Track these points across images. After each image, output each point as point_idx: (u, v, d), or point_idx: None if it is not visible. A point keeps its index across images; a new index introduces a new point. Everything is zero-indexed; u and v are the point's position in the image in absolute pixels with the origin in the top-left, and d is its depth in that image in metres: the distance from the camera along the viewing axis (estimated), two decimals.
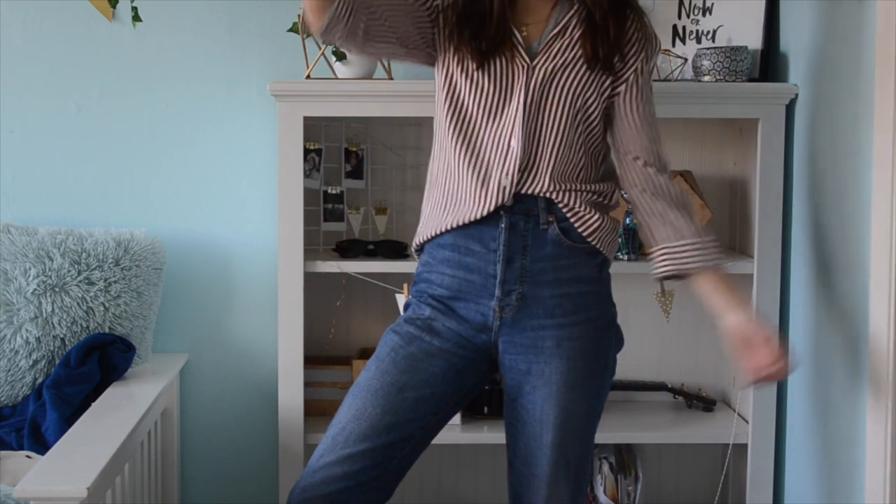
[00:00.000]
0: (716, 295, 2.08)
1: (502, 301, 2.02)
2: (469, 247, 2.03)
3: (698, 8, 2.87)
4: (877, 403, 2.19)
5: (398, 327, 2.08)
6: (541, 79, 1.99)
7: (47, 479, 2.00)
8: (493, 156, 2.01)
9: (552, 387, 2.03)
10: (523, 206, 2.02)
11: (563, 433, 2.04)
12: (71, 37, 2.87)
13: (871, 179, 2.24)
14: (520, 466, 2.09)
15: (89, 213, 2.90)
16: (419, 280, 2.11)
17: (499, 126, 2.01)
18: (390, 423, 2.00)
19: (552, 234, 2.02)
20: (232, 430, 2.98)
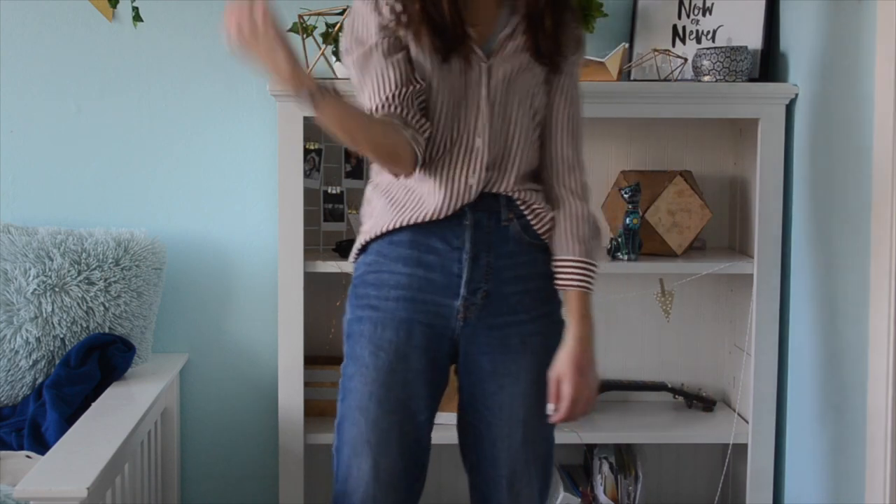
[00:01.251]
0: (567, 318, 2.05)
1: (468, 300, 1.99)
2: (430, 244, 1.99)
3: (698, 8, 2.87)
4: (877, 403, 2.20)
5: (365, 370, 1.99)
6: (500, 78, 1.98)
7: (47, 479, 2.00)
8: (459, 155, 1.99)
9: (521, 385, 2.01)
10: (486, 204, 2.00)
11: (533, 430, 2.02)
12: (71, 37, 2.87)
13: (871, 179, 2.24)
14: (486, 469, 2.05)
15: (89, 213, 2.90)
16: (365, 283, 2.03)
17: (463, 125, 1.99)
18: (405, 465, 2.01)
19: (513, 231, 2.01)
20: (232, 430, 2.98)
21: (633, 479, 2.84)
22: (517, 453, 2.02)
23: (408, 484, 2.03)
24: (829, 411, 2.47)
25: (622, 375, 2.99)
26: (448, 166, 1.99)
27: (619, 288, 2.93)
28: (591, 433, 2.78)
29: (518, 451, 2.02)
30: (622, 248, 2.73)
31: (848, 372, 2.37)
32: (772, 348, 2.71)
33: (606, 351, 2.98)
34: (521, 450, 2.02)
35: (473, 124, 1.98)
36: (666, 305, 2.81)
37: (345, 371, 2.04)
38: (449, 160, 1.99)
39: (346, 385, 2.03)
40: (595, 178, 2.92)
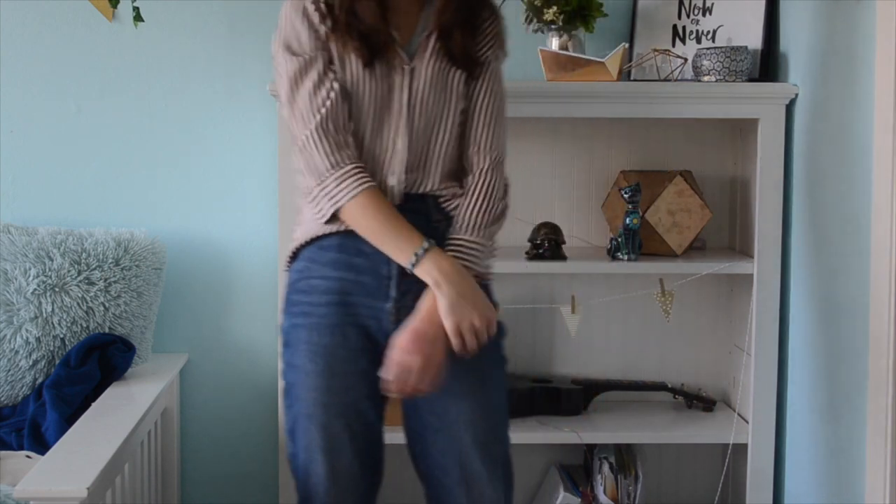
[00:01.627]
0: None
1: (399, 302, 1.99)
2: (358, 247, 1.98)
3: (698, 8, 2.87)
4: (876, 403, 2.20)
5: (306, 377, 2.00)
6: (422, 80, 1.99)
7: (47, 479, 2.00)
8: (380, 157, 2.00)
9: (464, 384, 1.99)
10: (412, 205, 2.00)
11: (483, 430, 2.00)
12: (71, 37, 2.87)
13: (871, 179, 2.24)
14: (440, 477, 2.04)
15: (89, 213, 2.90)
16: (297, 290, 2.04)
17: (385, 127, 2.00)
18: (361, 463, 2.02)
19: (442, 231, 2.01)
20: (232, 430, 2.98)
21: (633, 479, 2.84)
22: (469, 455, 2.00)
23: (367, 482, 2.05)
24: (829, 411, 2.47)
25: (622, 375, 2.99)
26: (371, 169, 1.99)
27: (619, 288, 2.93)
28: (591, 433, 2.78)
29: (470, 454, 2.00)
30: (622, 248, 2.73)
31: (848, 372, 2.37)
32: (772, 348, 2.71)
33: (607, 351, 2.99)
34: (474, 451, 2.00)
35: (395, 127, 1.99)
36: (666, 305, 2.81)
37: (286, 379, 2.05)
38: (373, 163, 2.00)
39: (291, 393, 2.04)
40: (595, 178, 2.94)
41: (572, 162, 2.93)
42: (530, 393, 2.81)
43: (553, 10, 2.72)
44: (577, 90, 2.67)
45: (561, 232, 2.76)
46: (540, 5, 2.75)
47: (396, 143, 1.99)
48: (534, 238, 2.76)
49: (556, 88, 2.67)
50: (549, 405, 2.82)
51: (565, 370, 2.98)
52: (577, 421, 2.81)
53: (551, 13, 2.72)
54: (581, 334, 2.92)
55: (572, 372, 2.98)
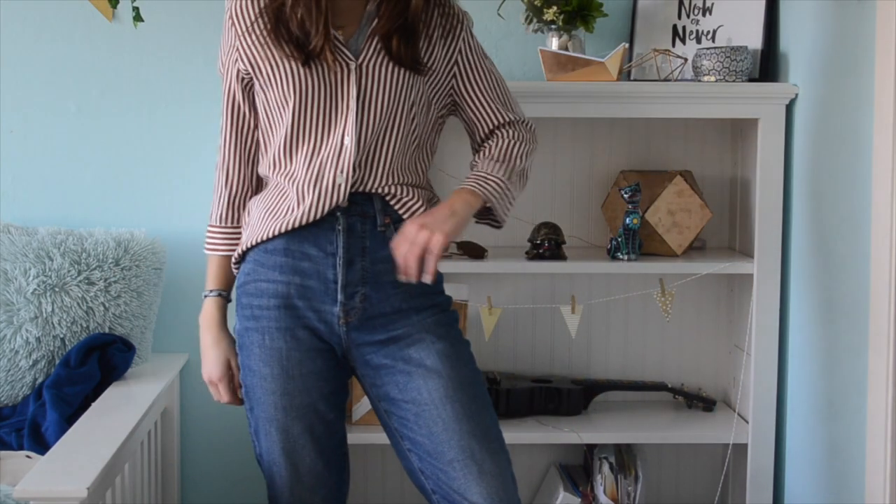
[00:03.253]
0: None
1: (346, 305, 1.98)
2: (304, 251, 1.98)
3: (698, 8, 2.87)
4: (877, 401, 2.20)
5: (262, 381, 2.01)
6: (371, 77, 1.98)
7: (47, 479, 2.00)
8: (327, 155, 1.98)
9: (427, 362, 1.97)
10: (359, 208, 1.99)
11: (462, 402, 1.96)
12: (71, 37, 2.87)
13: (871, 179, 2.24)
14: (434, 464, 1.97)
15: (89, 213, 2.90)
16: (245, 293, 2.04)
17: (331, 125, 1.98)
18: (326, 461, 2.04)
19: (390, 235, 1.99)
20: (232, 430, 2.98)
21: (633, 479, 2.84)
22: (460, 432, 1.95)
23: (334, 479, 2.05)
24: (829, 411, 2.47)
25: (622, 375, 2.99)
26: (317, 168, 1.98)
27: (619, 288, 2.93)
28: (591, 433, 2.78)
29: (459, 429, 1.95)
30: (622, 248, 2.73)
31: (848, 372, 2.37)
32: (772, 348, 2.71)
33: (607, 351, 2.99)
34: (462, 426, 1.95)
35: (343, 123, 1.98)
36: (666, 305, 2.81)
37: (244, 381, 2.06)
38: (318, 161, 1.98)
39: (250, 396, 2.05)
40: (595, 178, 2.94)
41: (572, 162, 2.93)
42: (530, 393, 2.81)
43: (553, 10, 2.72)
44: (577, 90, 2.67)
45: (561, 232, 2.76)
46: (540, 5, 2.75)
47: (343, 140, 1.97)
48: (534, 238, 2.76)
49: (556, 88, 2.67)
50: (549, 405, 2.83)
51: (565, 370, 2.99)
52: (577, 421, 2.81)
53: (551, 13, 2.73)
54: (581, 334, 2.92)
55: (572, 372, 2.99)
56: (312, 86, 1.97)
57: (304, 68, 1.96)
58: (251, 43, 2.01)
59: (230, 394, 2.11)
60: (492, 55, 2.89)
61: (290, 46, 1.96)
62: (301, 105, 1.98)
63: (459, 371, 1.99)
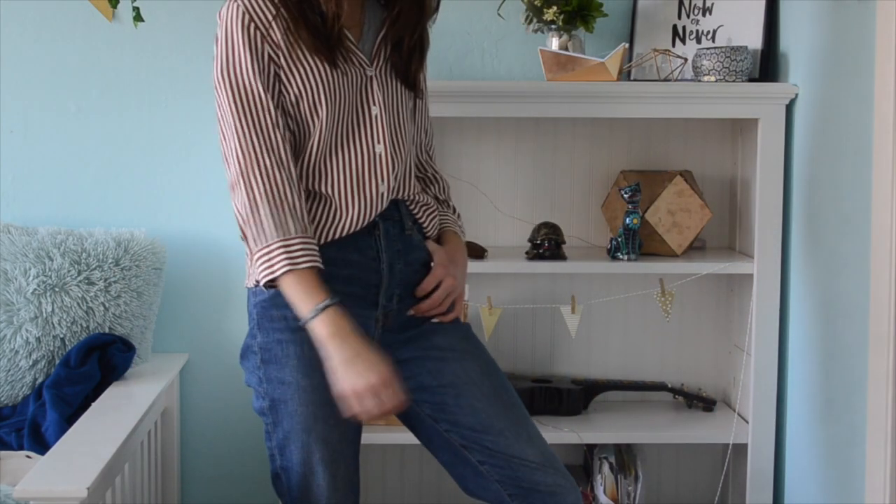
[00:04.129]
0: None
1: (386, 308, 2.00)
2: (346, 258, 1.96)
3: (698, 8, 2.87)
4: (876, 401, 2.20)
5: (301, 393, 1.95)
6: (388, 84, 2.00)
7: (47, 479, 2.00)
8: (364, 164, 1.97)
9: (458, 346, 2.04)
10: (390, 213, 2.02)
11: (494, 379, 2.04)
12: (71, 37, 2.87)
13: (871, 179, 2.24)
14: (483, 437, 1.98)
15: (89, 213, 2.90)
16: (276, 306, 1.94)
17: (360, 133, 1.97)
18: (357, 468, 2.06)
19: (416, 238, 2.05)
20: (232, 430, 2.98)
21: (633, 479, 2.84)
22: (503, 404, 2.02)
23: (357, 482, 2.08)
24: (829, 411, 2.47)
25: (622, 375, 2.99)
26: (357, 177, 1.97)
27: (619, 288, 2.93)
28: (591, 433, 2.78)
29: (502, 403, 2.02)
30: (622, 248, 2.73)
31: (848, 372, 2.37)
32: (772, 348, 2.71)
33: (607, 351, 2.99)
34: (502, 399, 2.03)
35: (370, 131, 1.98)
36: (666, 305, 2.81)
37: (273, 395, 1.97)
38: (355, 170, 1.97)
39: (280, 409, 1.97)
40: (595, 178, 2.94)
41: (572, 162, 2.93)
42: (530, 393, 2.81)
43: (553, 10, 2.72)
44: (577, 90, 2.67)
45: (561, 232, 2.76)
46: (540, 5, 2.75)
47: (376, 149, 1.97)
48: (534, 238, 2.76)
49: (556, 88, 2.67)
50: (549, 405, 2.82)
51: (565, 370, 2.98)
52: (577, 421, 2.81)
53: (551, 13, 2.72)
54: (581, 334, 2.92)
55: (572, 372, 2.98)
56: (341, 89, 1.94)
57: (333, 71, 1.93)
58: (277, 43, 1.90)
59: (402, 392, 1.89)
60: (492, 55, 2.91)
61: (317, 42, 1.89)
62: (333, 109, 1.93)
63: (483, 353, 2.09)
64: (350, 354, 1.85)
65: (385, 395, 1.86)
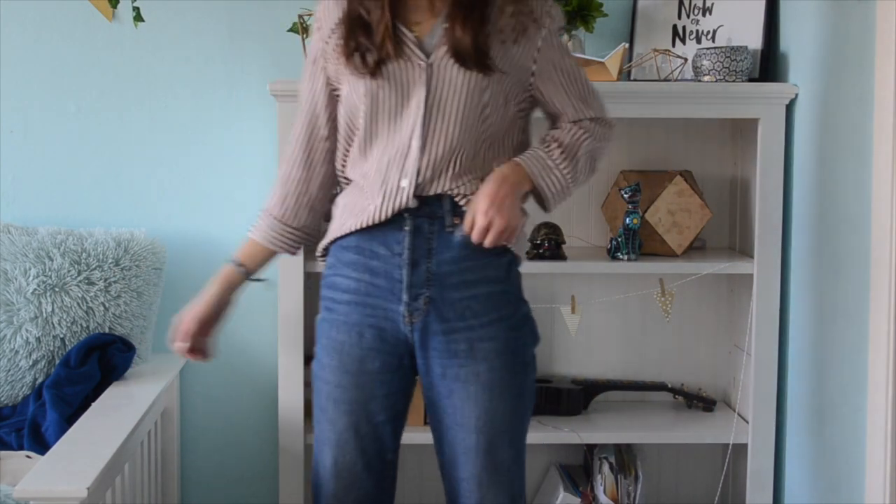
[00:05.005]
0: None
1: (410, 306, 1.99)
2: (374, 250, 2.00)
3: (698, 8, 2.87)
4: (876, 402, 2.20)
5: (322, 370, 2.04)
6: (439, 77, 1.97)
7: (47, 479, 2.00)
8: (393, 157, 1.98)
9: (469, 388, 1.99)
10: (427, 209, 1.99)
11: (487, 436, 2.00)
12: (71, 37, 2.87)
13: (871, 179, 2.24)
14: (449, 471, 2.06)
15: (89, 213, 2.90)
16: (325, 286, 2.07)
17: (401, 126, 1.99)
18: (366, 463, 2.03)
19: (458, 236, 1.98)
20: (232, 430, 2.98)
21: (633, 479, 2.84)
22: (473, 459, 2.01)
23: (372, 482, 2.05)
24: (829, 411, 2.47)
25: (622, 375, 2.99)
26: (385, 169, 1.99)
27: (619, 288, 2.93)
28: (591, 433, 2.78)
29: (474, 458, 2.00)
30: (622, 248, 2.73)
31: (848, 372, 2.37)
32: (772, 348, 2.71)
33: (607, 351, 2.99)
34: (477, 456, 2.00)
35: (411, 126, 1.98)
36: (666, 305, 2.81)
37: (312, 369, 2.09)
38: (385, 162, 1.99)
39: (313, 384, 2.09)
40: (595, 178, 2.93)
41: None
42: None
43: None
44: None
45: (561, 232, 2.76)
46: None
47: (411, 143, 1.98)
48: (534, 238, 2.76)
49: None
50: (549, 405, 2.82)
51: (565, 370, 2.99)
52: (577, 421, 2.81)
53: None
54: (581, 334, 2.92)
55: (572, 372, 2.98)
56: (382, 92, 1.98)
57: (374, 80, 1.97)
58: (330, 51, 2.03)
59: (188, 339, 2.12)
60: None
61: (358, 59, 1.97)
62: (373, 108, 1.99)
63: (498, 405, 2.00)
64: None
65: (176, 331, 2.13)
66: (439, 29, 1.98)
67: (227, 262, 2.16)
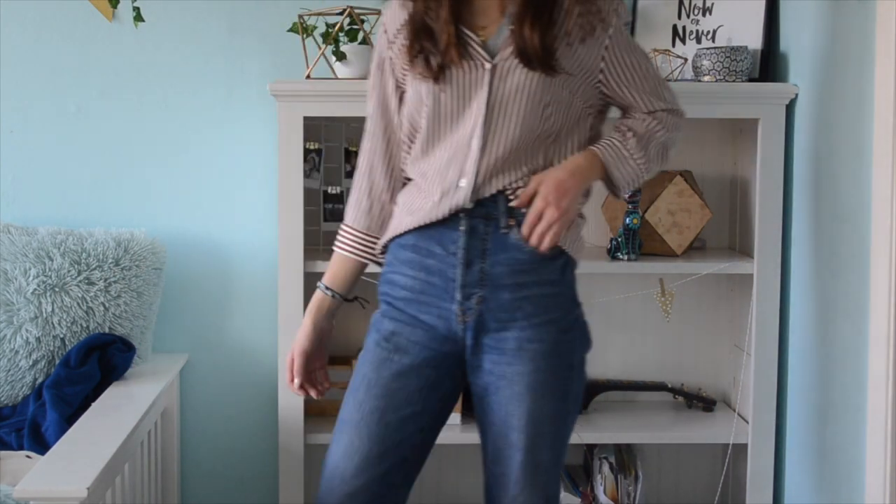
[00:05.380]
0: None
1: (463, 305, 2.00)
2: (430, 248, 2.02)
3: (698, 8, 2.87)
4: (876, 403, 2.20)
5: (366, 353, 2.07)
6: (505, 80, 1.97)
7: (47, 479, 2.00)
8: (454, 156, 2.00)
9: (515, 388, 2.00)
10: (483, 210, 2.00)
11: (529, 436, 2.01)
12: (71, 37, 2.87)
13: (871, 179, 2.24)
14: (490, 466, 2.07)
15: (89, 213, 2.90)
16: (383, 281, 2.10)
17: (463, 127, 2.00)
18: (380, 452, 2.01)
19: (513, 237, 1.99)
20: (232, 430, 2.98)
21: (633, 479, 2.84)
22: (515, 457, 2.02)
23: (382, 472, 2.01)
24: (829, 411, 2.47)
25: (622, 375, 2.99)
26: (444, 168, 2.01)
27: (619, 288, 2.93)
28: (591, 433, 2.78)
29: (516, 455, 2.02)
30: (622, 248, 2.73)
31: (848, 372, 2.37)
32: (772, 348, 2.71)
33: (606, 351, 2.99)
34: (519, 454, 2.01)
35: (471, 126, 1.99)
36: (666, 305, 2.81)
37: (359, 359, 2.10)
38: (446, 162, 2.01)
39: (354, 372, 2.10)
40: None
41: None
42: None
43: None
44: None
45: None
46: None
47: (471, 144, 1.99)
48: None
49: None
50: None
51: None
52: (577, 421, 2.81)
53: None
54: None
55: None
56: (444, 95, 2.00)
57: (437, 84, 1.99)
58: (395, 53, 2.06)
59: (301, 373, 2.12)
60: None
61: (422, 62, 2.00)
62: (435, 110, 2.01)
63: (541, 406, 2.01)
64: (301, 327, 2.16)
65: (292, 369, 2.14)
66: (505, 30, 1.99)
67: (318, 287, 2.16)
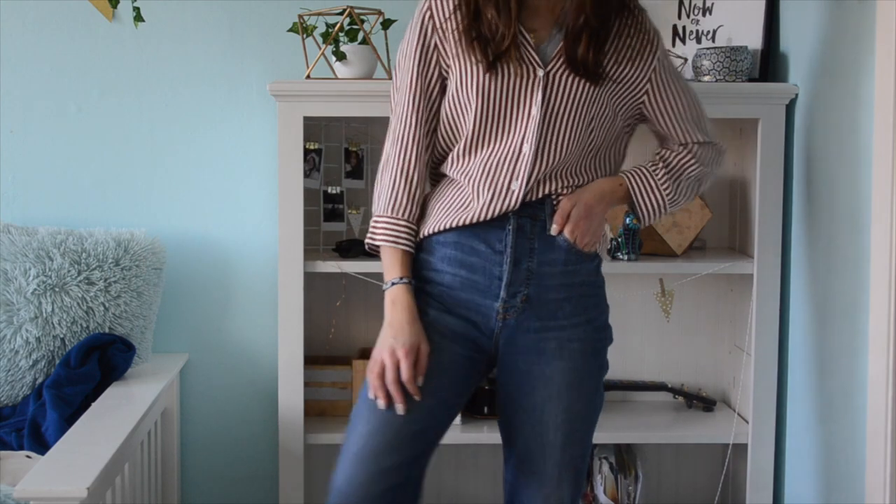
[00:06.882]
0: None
1: (507, 303, 2.02)
2: (473, 246, 2.03)
3: (698, 8, 2.87)
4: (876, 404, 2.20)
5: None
6: (555, 87, 1.99)
7: (47, 479, 2.00)
8: (504, 158, 2.01)
9: (553, 388, 2.03)
10: (530, 210, 2.02)
11: (566, 434, 2.04)
12: (71, 37, 2.87)
13: (871, 179, 2.24)
14: (517, 466, 2.09)
15: (89, 213, 2.90)
16: (417, 278, 2.09)
17: (512, 129, 2.01)
18: (416, 432, 2.00)
19: (560, 238, 2.03)
20: (232, 430, 2.98)
21: (633, 479, 2.84)
22: (552, 455, 2.05)
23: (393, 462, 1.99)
24: (829, 411, 2.47)
25: (622, 375, 2.99)
26: (494, 170, 2.02)
27: (619, 288, 2.92)
28: None
29: (552, 454, 2.05)
30: (622, 248, 2.73)
31: (848, 372, 2.37)
32: (772, 348, 2.71)
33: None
34: (556, 452, 2.05)
35: (523, 130, 2.00)
36: (666, 305, 2.81)
37: None
38: (495, 164, 2.02)
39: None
40: None
41: None
42: None
43: None
44: None
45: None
46: None
47: (522, 148, 2.00)
48: None
49: None
50: None
51: None
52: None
53: None
54: None
55: None
56: (496, 91, 2.00)
57: (488, 74, 1.99)
58: (445, 38, 2.03)
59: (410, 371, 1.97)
60: None
61: (478, 47, 1.99)
62: (484, 109, 2.01)
63: (577, 404, 2.06)
64: (389, 320, 2.02)
65: (393, 365, 1.97)
66: (557, 39, 2.01)
67: (395, 284, 2.05)
